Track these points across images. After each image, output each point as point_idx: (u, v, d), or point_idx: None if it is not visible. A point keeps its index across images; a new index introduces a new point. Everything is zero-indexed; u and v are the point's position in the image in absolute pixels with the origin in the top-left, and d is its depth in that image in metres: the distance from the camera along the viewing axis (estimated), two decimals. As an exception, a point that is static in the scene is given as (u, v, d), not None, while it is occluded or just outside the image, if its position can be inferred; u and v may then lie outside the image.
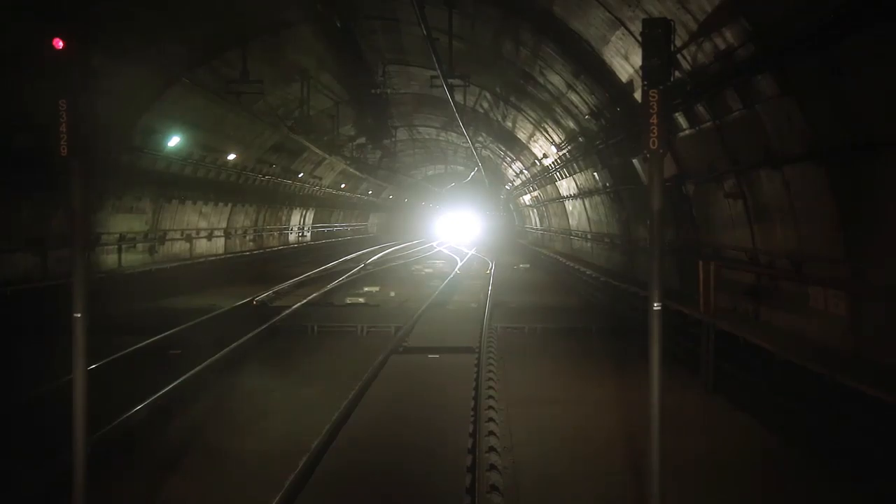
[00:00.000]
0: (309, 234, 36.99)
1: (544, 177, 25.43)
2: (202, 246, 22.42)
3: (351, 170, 35.50)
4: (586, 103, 14.13)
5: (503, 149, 30.16)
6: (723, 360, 9.01)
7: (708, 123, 9.09)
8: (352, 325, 13.52)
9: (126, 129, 15.96)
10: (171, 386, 8.48)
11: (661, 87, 4.33)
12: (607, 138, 14.25)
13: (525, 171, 29.66)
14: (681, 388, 9.11)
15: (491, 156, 34.43)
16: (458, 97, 18.79)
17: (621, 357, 10.97)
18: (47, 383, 8.33)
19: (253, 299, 16.83)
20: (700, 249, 10.74)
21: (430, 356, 10.46)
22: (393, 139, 33.87)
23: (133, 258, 18.15)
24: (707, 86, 8.42)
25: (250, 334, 11.83)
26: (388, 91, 21.48)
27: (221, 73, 16.33)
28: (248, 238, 26.96)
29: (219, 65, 16.28)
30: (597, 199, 18.58)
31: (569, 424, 7.83)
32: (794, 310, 8.17)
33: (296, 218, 34.24)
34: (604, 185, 17.02)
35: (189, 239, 21.31)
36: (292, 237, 33.98)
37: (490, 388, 8.70)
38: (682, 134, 10.06)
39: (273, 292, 18.19)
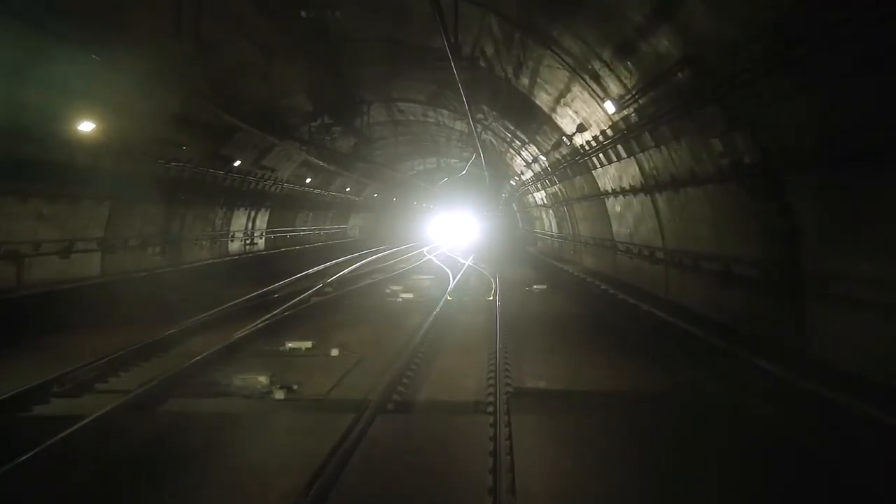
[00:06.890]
0: (262, 241, 29.01)
1: (574, 164, 17.56)
2: (49, 267, 14.41)
3: (314, 160, 27.56)
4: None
5: (511, 127, 22.23)
6: None
7: None
8: None
9: None
10: None
11: None
12: (770, 60, 6.37)
13: (542, 158, 21.76)
14: None
15: (493, 140, 26.51)
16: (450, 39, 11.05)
17: None
18: None
19: (47, 380, 8.95)
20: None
21: None
22: (365, 117, 25.97)
23: None
24: None
25: None
26: (338, 15, 13.48)
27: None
28: (150, 251, 18.98)
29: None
30: (691, 192, 10.62)
31: None
32: None
33: (240, 221, 26.25)
34: (734, 164, 8.98)
35: (15, 258, 13.33)
36: (235, 246, 26.00)
37: None
38: None
39: (106, 360, 9.93)
